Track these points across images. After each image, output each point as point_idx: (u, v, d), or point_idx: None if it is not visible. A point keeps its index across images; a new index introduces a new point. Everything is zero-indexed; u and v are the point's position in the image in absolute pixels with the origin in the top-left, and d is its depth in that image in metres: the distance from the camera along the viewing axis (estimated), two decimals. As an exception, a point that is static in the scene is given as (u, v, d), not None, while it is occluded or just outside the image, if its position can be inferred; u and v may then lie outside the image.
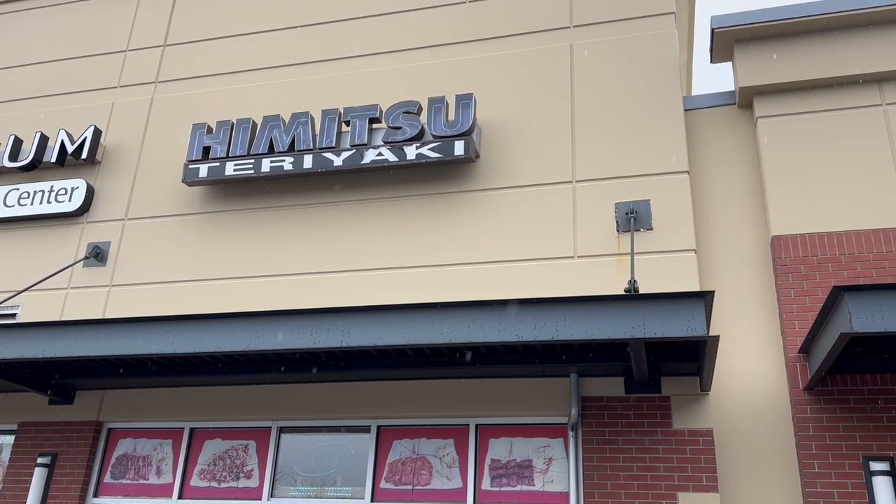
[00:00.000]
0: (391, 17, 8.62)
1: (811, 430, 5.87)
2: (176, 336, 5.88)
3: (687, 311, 4.97)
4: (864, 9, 6.92)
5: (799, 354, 6.13)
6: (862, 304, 4.72)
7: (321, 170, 7.65)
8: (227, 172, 7.89)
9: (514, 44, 8.05)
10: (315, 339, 5.56)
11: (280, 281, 7.55)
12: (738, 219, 6.94)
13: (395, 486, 6.59)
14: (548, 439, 6.43)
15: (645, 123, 7.24)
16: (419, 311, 5.43)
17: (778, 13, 7.11)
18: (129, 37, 9.64)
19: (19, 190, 8.79)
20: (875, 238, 6.36)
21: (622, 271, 6.66)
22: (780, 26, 7.13)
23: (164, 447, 7.33)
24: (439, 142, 7.38)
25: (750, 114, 7.30)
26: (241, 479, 6.99)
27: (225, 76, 8.93)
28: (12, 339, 6.23)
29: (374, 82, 8.28)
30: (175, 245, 8.09)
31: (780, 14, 7.10)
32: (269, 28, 9.04)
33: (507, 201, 7.29)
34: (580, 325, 5.12)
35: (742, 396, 6.30)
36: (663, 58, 7.49)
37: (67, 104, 9.40)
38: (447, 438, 6.66)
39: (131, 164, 8.74)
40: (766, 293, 6.59)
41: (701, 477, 5.86)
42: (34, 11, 10.31)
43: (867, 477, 5.63)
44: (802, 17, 7.05)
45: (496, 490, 6.36)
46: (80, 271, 8.24)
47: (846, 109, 6.89)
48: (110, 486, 7.31)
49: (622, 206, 6.90)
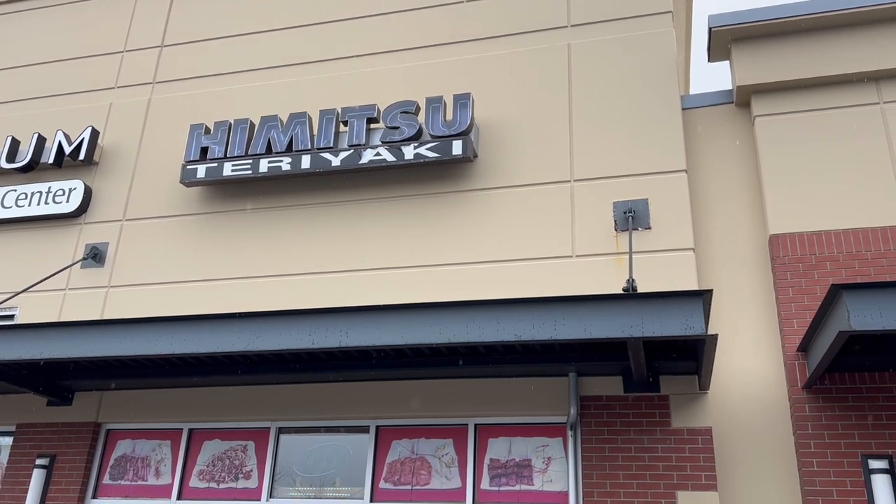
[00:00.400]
0: (389, 17, 8.61)
1: (810, 429, 5.87)
2: (174, 337, 5.87)
3: (685, 310, 4.97)
4: (861, 7, 6.92)
5: (797, 353, 6.13)
6: (860, 302, 4.73)
7: (319, 170, 7.65)
8: (224, 173, 7.89)
9: (511, 43, 8.05)
10: (313, 340, 5.56)
11: (278, 281, 7.54)
12: (736, 217, 6.94)
13: (394, 487, 6.59)
14: (547, 439, 6.43)
15: (643, 122, 7.24)
16: (417, 311, 5.43)
17: (775, 12, 7.11)
18: (126, 38, 9.63)
19: (17, 191, 8.78)
20: (873, 236, 6.36)
21: (620, 270, 6.66)
22: (777, 25, 7.14)
23: (162, 448, 7.32)
24: (437, 142, 7.38)
25: (748, 112, 7.31)
26: (240, 479, 6.98)
27: (222, 76, 8.92)
28: (10, 340, 6.22)
29: (371, 82, 8.27)
30: (173, 246, 8.08)
31: (777, 13, 7.10)
32: (267, 28, 9.04)
33: (506, 201, 7.29)
34: (579, 325, 5.12)
35: (741, 395, 6.30)
36: (661, 57, 7.49)
37: (65, 105, 9.39)
38: (446, 438, 6.66)
39: (129, 164, 8.74)
40: (765, 292, 6.59)
41: (700, 475, 5.86)
42: (31, 12, 10.30)
43: (866, 475, 5.64)
44: (799, 15, 7.05)
45: (495, 490, 6.36)
46: (78, 272, 8.23)
47: (844, 108, 6.89)
48: (109, 487, 7.31)
49: (620, 206, 6.90)
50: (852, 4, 6.94)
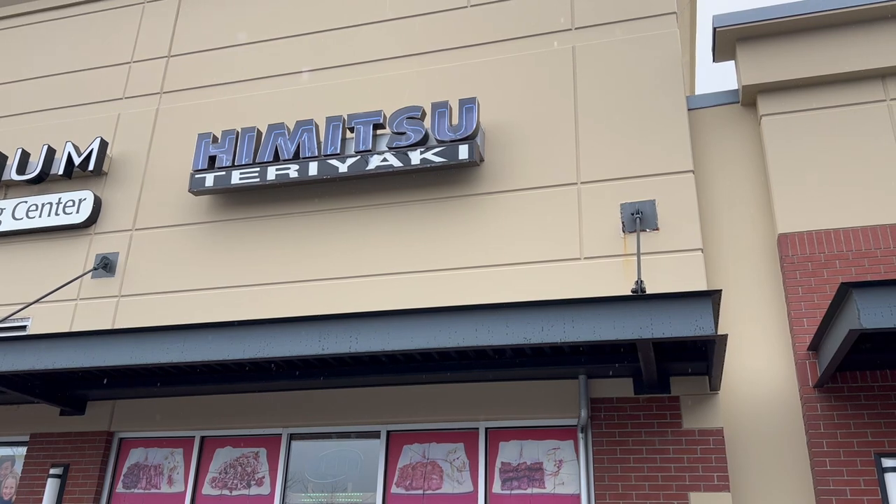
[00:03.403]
0: (393, 24, 8.65)
1: (822, 428, 5.85)
2: (185, 345, 5.90)
3: (695, 311, 4.97)
4: (866, 5, 6.91)
5: (808, 352, 6.11)
6: (870, 300, 4.71)
7: (326, 177, 7.68)
8: (233, 181, 7.93)
9: (516, 47, 8.06)
10: (323, 346, 5.58)
11: (287, 288, 7.57)
12: (744, 217, 6.93)
13: (405, 491, 6.59)
14: (558, 441, 6.42)
15: (649, 124, 7.25)
16: (427, 316, 5.44)
17: (779, 11, 7.10)
18: (133, 49, 9.70)
19: (27, 203, 8.85)
20: (882, 234, 6.34)
21: (629, 272, 6.66)
22: (782, 24, 7.13)
23: (175, 456, 7.35)
24: (443, 146, 7.40)
25: (754, 112, 7.30)
26: (252, 486, 7.00)
27: (229, 85, 8.97)
28: (23, 351, 6.26)
29: (377, 88, 8.31)
30: (183, 254, 8.12)
31: (782, 12, 7.09)
32: (272, 37, 9.08)
33: (513, 204, 7.30)
34: (588, 327, 5.13)
35: (752, 395, 6.28)
36: (666, 58, 7.50)
37: (74, 116, 9.46)
38: (457, 442, 6.66)
39: (138, 174, 8.80)
40: (774, 291, 6.58)
41: (712, 476, 5.85)
42: (38, 26, 10.38)
43: (880, 474, 5.61)
44: (804, 14, 7.04)
45: (507, 493, 6.36)
46: (88, 282, 8.28)
47: (850, 105, 6.88)
48: (122, 495, 7.34)
49: (627, 207, 6.90)
50: (856, 2, 6.93)
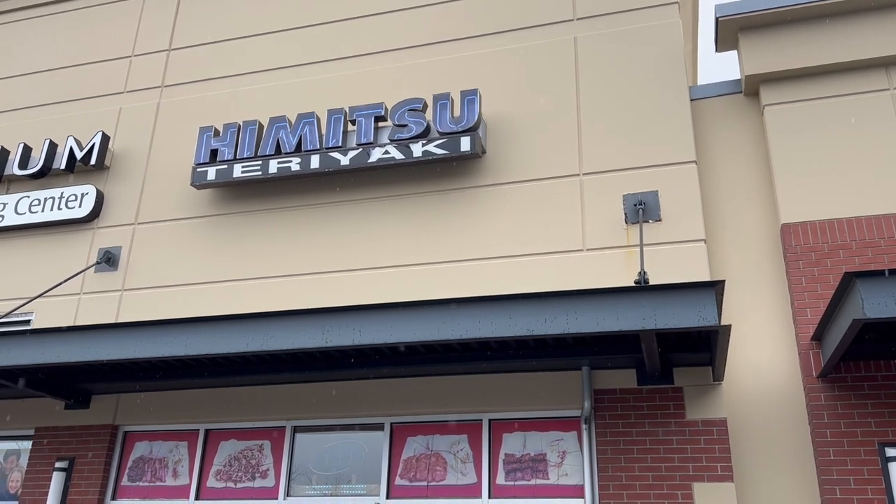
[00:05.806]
0: (394, 15, 8.62)
1: (826, 418, 5.85)
2: (189, 338, 5.91)
3: (698, 301, 4.96)
4: (870, -7, 6.88)
5: (811, 342, 6.11)
6: (874, 289, 4.71)
7: (328, 169, 7.67)
8: (235, 174, 7.93)
9: (517, 38, 8.04)
10: (327, 338, 5.59)
11: (290, 281, 7.58)
12: (747, 207, 6.92)
13: (409, 483, 6.61)
14: (561, 433, 6.44)
15: (651, 114, 7.23)
16: (430, 308, 5.44)
17: (782, 0, 7.07)
18: (134, 42, 9.68)
19: (30, 197, 8.85)
20: (886, 223, 6.32)
21: (632, 263, 6.65)
22: (785, 13, 7.10)
23: (179, 449, 7.38)
24: (445, 138, 7.39)
25: (756, 102, 7.27)
26: (256, 478, 7.03)
27: (230, 79, 8.96)
28: (27, 345, 6.28)
29: (378, 81, 8.29)
30: (185, 248, 8.13)
31: (785, 0, 7.06)
32: (273, 29, 9.06)
33: (515, 196, 7.29)
34: (591, 318, 5.12)
35: (755, 385, 6.29)
36: (668, 48, 7.47)
37: (75, 111, 9.46)
38: (461, 434, 6.67)
39: (140, 168, 8.79)
40: (777, 281, 6.57)
41: (716, 467, 5.85)
42: (38, 20, 10.37)
43: (883, 463, 5.61)
44: (806, 3, 7.01)
45: (511, 484, 6.37)
46: (91, 276, 8.30)
47: (853, 95, 6.85)
48: (128, 488, 7.37)
49: (630, 198, 6.89)
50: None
